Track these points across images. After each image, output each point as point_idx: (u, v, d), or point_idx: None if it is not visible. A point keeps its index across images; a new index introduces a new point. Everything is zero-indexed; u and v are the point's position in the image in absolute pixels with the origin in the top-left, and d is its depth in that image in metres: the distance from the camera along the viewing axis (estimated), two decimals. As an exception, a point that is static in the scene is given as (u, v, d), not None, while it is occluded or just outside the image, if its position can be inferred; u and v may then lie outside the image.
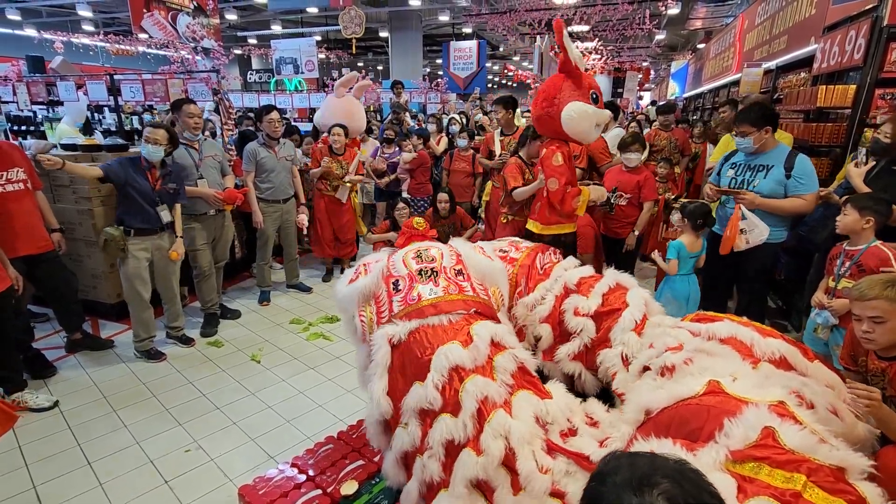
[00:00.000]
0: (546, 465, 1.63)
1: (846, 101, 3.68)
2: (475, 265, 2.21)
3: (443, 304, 1.95)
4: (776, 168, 2.76)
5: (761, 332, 1.83)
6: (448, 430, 1.65)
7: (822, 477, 1.20)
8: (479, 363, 1.77)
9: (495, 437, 1.61)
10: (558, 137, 3.01)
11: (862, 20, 3.61)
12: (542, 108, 2.94)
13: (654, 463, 0.86)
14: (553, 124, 2.92)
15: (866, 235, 2.27)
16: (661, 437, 1.41)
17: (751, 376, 1.58)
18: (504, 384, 1.77)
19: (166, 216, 3.23)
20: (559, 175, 2.98)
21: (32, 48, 11.85)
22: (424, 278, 2.04)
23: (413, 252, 2.18)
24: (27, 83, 6.15)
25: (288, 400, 2.91)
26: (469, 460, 1.59)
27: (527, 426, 1.67)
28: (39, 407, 2.77)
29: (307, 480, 2.00)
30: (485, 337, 1.83)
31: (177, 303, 3.49)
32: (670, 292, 3.02)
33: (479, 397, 1.67)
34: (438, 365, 1.75)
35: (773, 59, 5.99)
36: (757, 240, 2.72)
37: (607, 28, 11.78)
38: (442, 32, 17.82)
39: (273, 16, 15.30)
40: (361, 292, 2.07)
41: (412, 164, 5.30)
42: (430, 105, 10.72)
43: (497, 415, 1.65)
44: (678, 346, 1.90)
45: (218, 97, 5.09)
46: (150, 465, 2.36)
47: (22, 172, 2.99)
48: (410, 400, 1.77)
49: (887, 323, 1.62)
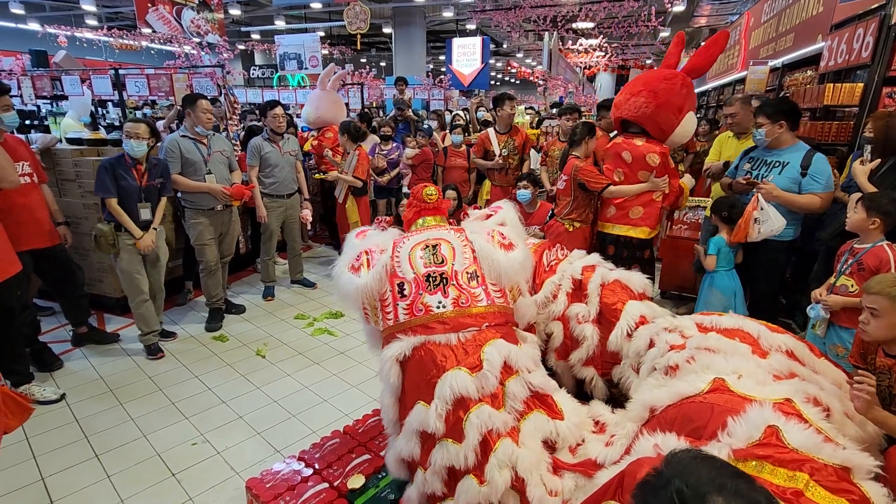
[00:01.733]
0: (555, 489, 1.62)
1: (853, 99, 3.67)
2: (491, 263, 1.98)
3: (452, 321, 1.83)
4: (792, 165, 2.74)
5: (769, 328, 1.84)
6: (450, 457, 1.63)
7: (826, 476, 1.20)
8: (486, 392, 1.68)
9: (501, 467, 1.59)
10: (651, 136, 3.08)
11: (870, 18, 3.60)
12: (664, 113, 3.01)
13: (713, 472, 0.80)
14: (664, 126, 3.03)
15: (873, 235, 2.27)
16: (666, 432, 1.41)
17: (755, 374, 1.58)
18: (514, 410, 1.72)
19: (145, 214, 3.18)
20: (673, 175, 3.03)
21: (36, 42, 11.86)
22: (432, 286, 1.89)
23: (421, 246, 2.00)
24: (32, 77, 6.14)
25: (293, 394, 2.92)
26: (472, 488, 1.59)
27: (534, 454, 1.65)
28: (46, 399, 2.78)
29: (314, 474, 2.01)
30: (496, 363, 1.73)
31: (159, 300, 3.44)
32: (716, 288, 3.00)
33: (483, 430, 1.63)
34: (442, 394, 1.66)
35: (780, 57, 5.96)
36: (769, 231, 2.68)
37: (612, 25, 11.73)
38: (445, 29, 17.77)
39: (276, 11, 15.26)
40: (364, 293, 1.93)
41: (415, 159, 5.30)
42: (434, 101, 10.70)
43: (503, 445, 1.62)
44: (681, 344, 1.91)
45: (223, 92, 5.08)
46: (157, 458, 2.38)
47: (28, 166, 2.99)
48: (413, 419, 1.73)
49: (882, 318, 1.66)
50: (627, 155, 3.14)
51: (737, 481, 0.79)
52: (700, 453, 0.89)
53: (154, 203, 3.24)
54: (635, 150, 3.12)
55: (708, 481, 0.79)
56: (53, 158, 3.80)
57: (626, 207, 3.17)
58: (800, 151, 2.76)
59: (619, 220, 3.20)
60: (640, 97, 3.06)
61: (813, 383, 1.60)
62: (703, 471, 0.81)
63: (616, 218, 3.22)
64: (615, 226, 3.22)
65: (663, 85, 3.02)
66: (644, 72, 3.28)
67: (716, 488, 0.77)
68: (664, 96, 3.01)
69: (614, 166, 3.22)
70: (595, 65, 16.78)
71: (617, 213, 3.21)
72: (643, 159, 3.08)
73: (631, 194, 3.15)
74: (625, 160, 3.17)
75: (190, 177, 3.49)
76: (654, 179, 3.07)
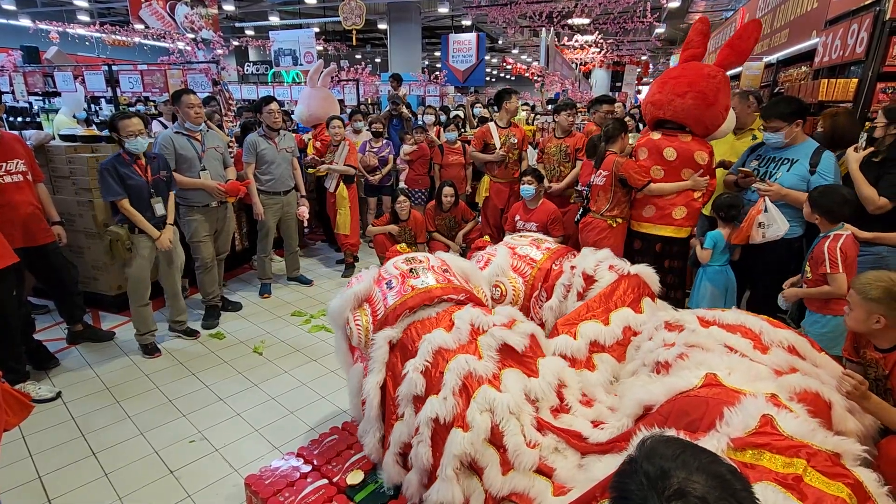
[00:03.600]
0: (534, 440, 1.67)
1: (847, 94, 3.68)
2: (458, 266, 2.39)
3: (435, 290, 2.10)
4: (801, 163, 2.71)
5: (770, 323, 1.87)
6: (433, 408, 1.70)
7: (821, 461, 1.24)
8: (462, 342, 1.87)
9: (481, 411, 1.66)
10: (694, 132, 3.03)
11: (864, 14, 3.61)
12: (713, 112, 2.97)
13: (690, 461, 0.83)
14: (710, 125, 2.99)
15: (824, 227, 2.34)
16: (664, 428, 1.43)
17: (745, 371, 1.61)
18: (492, 360, 1.83)
19: (160, 209, 3.15)
20: (713, 174, 3.02)
21: (27, 38, 11.73)
22: (415, 274, 2.19)
23: (402, 259, 2.34)
24: (24, 73, 6.07)
25: (291, 391, 2.92)
26: (456, 437, 1.63)
27: (513, 398, 1.71)
28: (42, 398, 2.77)
29: (313, 470, 2.01)
30: (466, 319, 1.96)
31: (180, 297, 3.48)
32: (709, 282, 3.02)
33: (461, 373, 1.74)
34: (423, 351, 1.85)
35: (774, 53, 5.98)
36: (774, 235, 2.69)
37: (608, 21, 11.72)
38: (441, 25, 17.70)
39: (271, 7, 15.15)
40: (355, 295, 2.17)
41: (412, 155, 5.29)
42: (430, 98, 10.68)
43: (482, 390, 1.70)
44: (673, 342, 1.92)
45: (218, 88, 5.06)
46: (154, 456, 2.37)
47: (22, 164, 2.97)
48: (403, 388, 1.84)
49: (853, 312, 1.75)
50: (671, 152, 3.02)
51: (699, 457, 0.84)
52: (667, 437, 0.93)
53: (165, 197, 3.21)
54: (683, 147, 3.00)
55: (671, 458, 0.83)
56: (47, 155, 3.76)
57: (669, 208, 3.04)
58: (809, 148, 2.73)
59: (662, 220, 3.07)
60: (688, 99, 2.93)
61: (814, 378, 1.62)
62: (668, 451, 0.85)
63: (658, 218, 3.08)
64: (658, 226, 3.09)
65: (710, 84, 2.91)
66: (680, 68, 3.06)
67: (679, 465, 0.81)
68: (713, 96, 2.92)
69: (652, 163, 3.09)
70: (591, 61, 16.77)
71: (658, 214, 3.08)
72: (692, 158, 2.98)
73: (672, 192, 3.04)
74: (666, 158, 3.03)
75: (184, 173, 3.47)
76: (696, 178, 2.99)
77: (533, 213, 3.89)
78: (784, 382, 1.55)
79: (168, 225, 3.23)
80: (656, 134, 3.11)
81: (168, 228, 3.21)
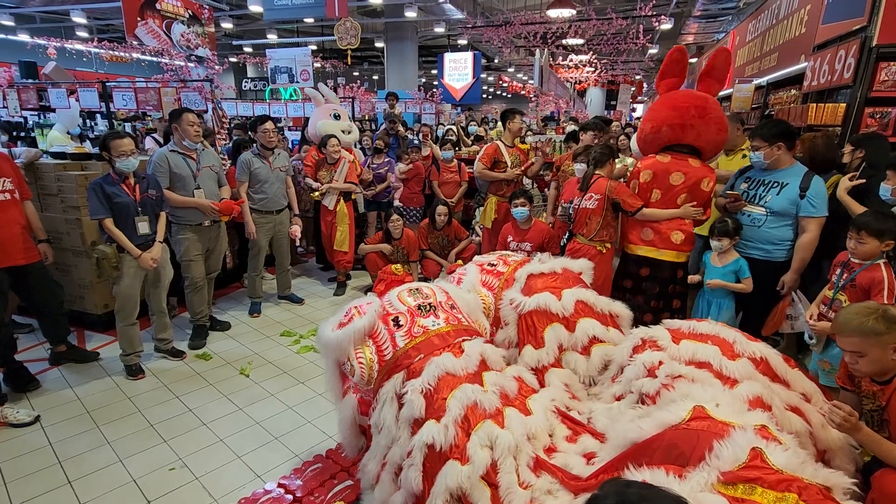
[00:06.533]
0: (528, 482, 1.64)
1: (836, 119, 3.73)
2: (462, 301, 2.33)
3: (447, 334, 2.04)
4: (791, 186, 2.72)
5: (746, 336, 1.94)
6: (430, 433, 1.65)
7: (812, 495, 1.23)
8: (469, 371, 1.85)
9: (482, 446, 1.63)
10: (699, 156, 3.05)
11: (851, 40, 3.67)
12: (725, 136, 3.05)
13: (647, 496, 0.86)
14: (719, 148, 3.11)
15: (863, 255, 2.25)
16: (653, 466, 1.42)
17: (731, 403, 1.62)
18: (496, 395, 1.80)
19: (143, 228, 3.10)
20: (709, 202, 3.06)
21: (25, 53, 11.78)
22: (424, 312, 2.12)
23: (406, 290, 2.25)
24: (18, 89, 6.08)
25: (276, 416, 2.85)
26: (454, 470, 1.59)
27: (515, 438, 1.68)
28: (20, 422, 2.70)
29: (294, 501, 1.95)
30: (476, 349, 1.95)
31: (165, 315, 3.43)
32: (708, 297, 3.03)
33: (466, 403, 1.70)
34: (428, 372, 1.82)
35: (765, 76, 6.07)
36: (801, 327, 2.64)
37: (602, 42, 11.91)
38: (437, 44, 17.95)
39: (269, 25, 15.33)
40: (357, 332, 2.03)
41: (407, 174, 5.30)
42: (426, 115, 10.76)
43: (484, 424, 1.67)
44: (657, 364, 1.90)
45: (213, 106, 5.06)
46: (132, 485, 2.30)
47: (9, 183, 2.94)
48: (405, 411, 1.80)
49: (866, 356, 1.65)
50: (678, 177, 2.96)
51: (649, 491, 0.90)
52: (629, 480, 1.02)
53: (151, 216, 3.17)
54: (691, 172, 2.95)
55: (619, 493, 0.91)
56: (36, 173, 3.74)
57: (666, 232, 3.01)
58: (799, 172, 2.75)
59: (662, 244, 3.03)
60: (710, 126, 2.92)
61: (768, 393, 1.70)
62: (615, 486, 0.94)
63: (657, 242, 3.04)
64: (659, 250, 3.04)
65: (720, 110, 2.98)
66: (690, 95, 3.01)
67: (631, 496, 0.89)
68: (725, 121, 3.02)
69: (653, 186, 3.04)
70: (585, 80, 17.01)
71: (656, 238, 3.04)
72: (698, 184, 2.95)
73: (664, 218, 3.02)
74: (672, 182, 2.98)
75: (178, 191, 3.44)
76: (687, 208, 2.96)
77: (527, 234, 3.87)
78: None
79: (157, 243, 3.19)
80: (665, 157, 3.02)
81: (156, 246, 3.17)
